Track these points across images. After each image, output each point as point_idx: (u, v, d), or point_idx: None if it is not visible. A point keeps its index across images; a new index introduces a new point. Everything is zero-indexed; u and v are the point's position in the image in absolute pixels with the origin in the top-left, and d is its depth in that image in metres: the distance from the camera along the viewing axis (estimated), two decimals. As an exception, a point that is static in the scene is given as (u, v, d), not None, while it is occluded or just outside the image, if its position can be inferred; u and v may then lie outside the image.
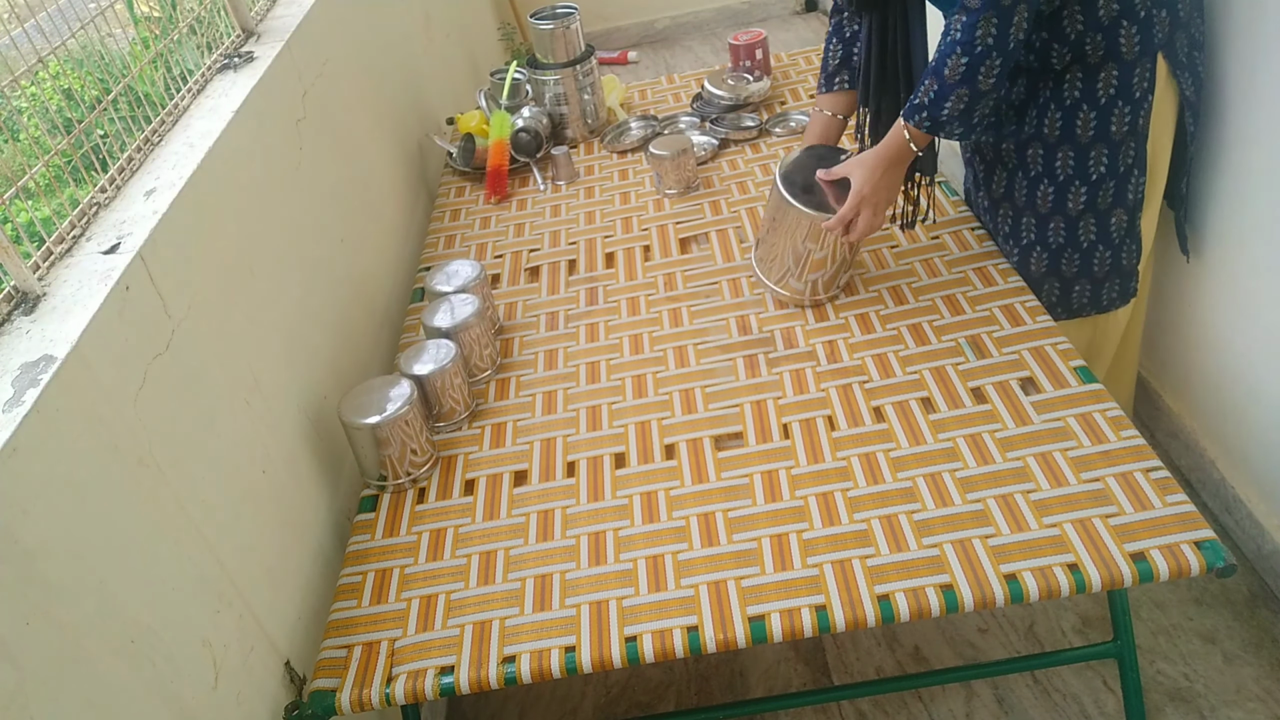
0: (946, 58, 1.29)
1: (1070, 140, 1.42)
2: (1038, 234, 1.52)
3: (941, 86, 1.31)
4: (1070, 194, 1.45)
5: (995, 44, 1.25)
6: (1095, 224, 1.47)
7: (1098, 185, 1.43)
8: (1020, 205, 1.53)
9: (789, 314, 1.60)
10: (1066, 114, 1.41)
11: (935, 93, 1.32)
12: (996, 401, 1.34)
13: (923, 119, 1.35)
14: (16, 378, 0.87)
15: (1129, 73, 1.36)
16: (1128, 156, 1.41)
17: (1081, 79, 1.38)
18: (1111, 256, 1.50)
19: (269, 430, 1.27)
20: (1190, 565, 1.09)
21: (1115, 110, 1.38)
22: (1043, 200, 1.48)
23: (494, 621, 1.18)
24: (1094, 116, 1.39)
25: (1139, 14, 1.33)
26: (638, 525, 1.27)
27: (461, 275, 1.64)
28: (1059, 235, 1.50)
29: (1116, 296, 1.55)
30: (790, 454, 1.33)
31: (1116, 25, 1.33)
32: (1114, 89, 1.37)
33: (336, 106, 1.77)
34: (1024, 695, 1.51)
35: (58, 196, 1.11)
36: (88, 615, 0.86)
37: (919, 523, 1.19)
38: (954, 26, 1.28)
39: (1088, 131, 1.40)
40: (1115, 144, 1.40)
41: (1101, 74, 1.37)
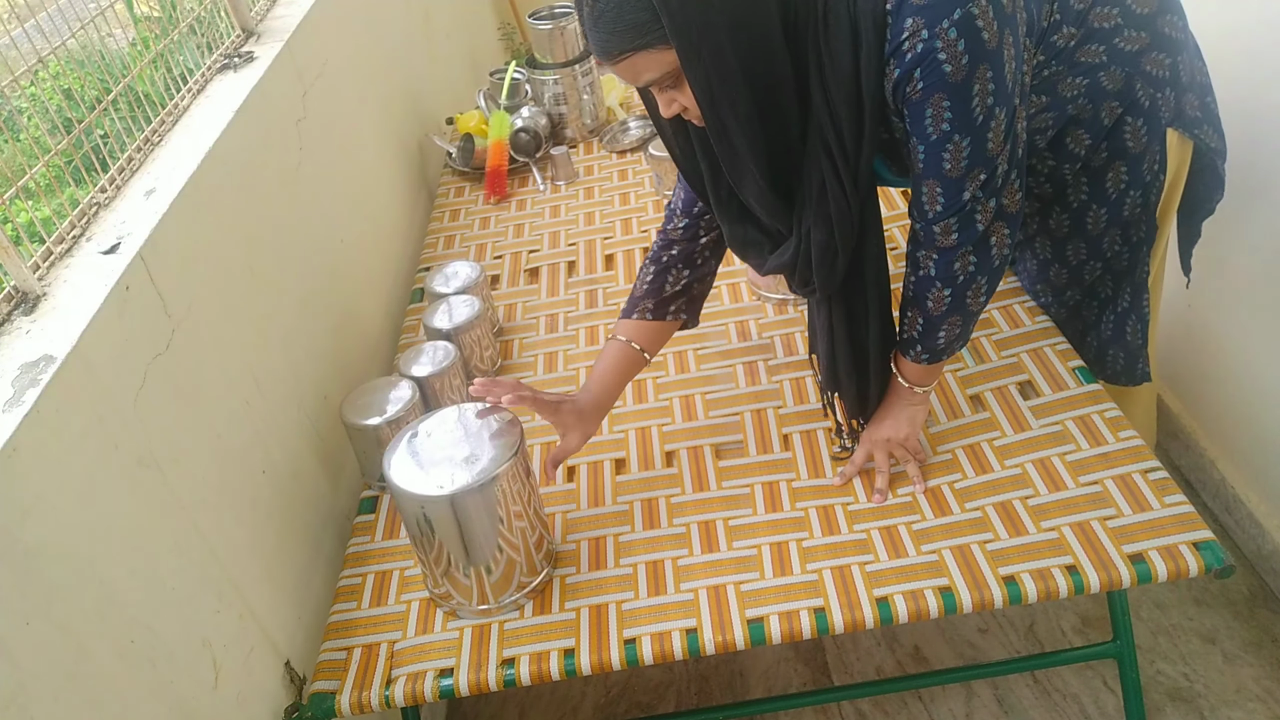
0: (926, 293, 1.13)
1: (1080, 234, 1.35)
2: (1054, 297, 1.47)
3: (928, 320, 1.16)
4: (1085, 271, 1.39)
5: (977, 269, 1.11)
6: (1112, 283, 1.40)
7: (1113, 261, 1.37)
8: (1034, 275, 1.48)
9: (788, 320, 1.60)
10: (1074, 216, 1.33)
11: (922, 325, 1.17)
12: (995, 408, 1.34)
13: (919, 353, 1.19)
14: (16, 378, 0.87)
15: (1138, 165, 1.26)
16: (1139, 231, 1.33)
17: (1087, 183, 1.30)
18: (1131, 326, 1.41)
19: (269, 430, 1.27)
20: (1189, 566, 1.09)
21: (1127, 200, 1.29)
22: (1056, 277, 1.43)
23: (493, 624, 1.18)
24: (1105, 212, 1.31)
25: (1143, 105, 1.22)
26: (638, 531, 1.27)
27: (461, 276, 1.64)
28: (1075, 296, 1.44)
29: (1120, 372, 1.45)
30: (791, 466, 1.32)
31: (1120, 124, 1.24)
32: (1124, 183, 1.28)
33: (336, 106, 1.77)
34: (1024, 695, 1.52)
35: (58, 196, 1.11)
36: (88, 615, 0.85)
37: (918, 532, 1.19)
38: (924, 261, 1.12)
39: (1099, 225, 1.32)
40: (1128, 224, 1.32)
41: (1109, 174, 1.28)
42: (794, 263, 1.16)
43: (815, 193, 1.07)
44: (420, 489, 1.09)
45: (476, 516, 1.11)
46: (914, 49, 0.95)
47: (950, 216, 1.06)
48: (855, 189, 1.06)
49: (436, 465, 1.11)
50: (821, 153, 1.04)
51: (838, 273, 1.14)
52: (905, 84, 0.97)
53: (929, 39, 0.94)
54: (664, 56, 0.97)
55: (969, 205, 1.05)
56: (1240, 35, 1.47)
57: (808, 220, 1.10)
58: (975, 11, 0.93)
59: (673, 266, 1.30)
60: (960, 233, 1.07)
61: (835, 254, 1.11)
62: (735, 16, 0.94)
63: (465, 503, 1.09)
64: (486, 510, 1.11)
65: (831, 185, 1.06)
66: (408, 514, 1.13)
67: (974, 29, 0.93)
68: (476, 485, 1.08)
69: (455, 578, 1.16)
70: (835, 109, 1.00)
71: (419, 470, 1.11)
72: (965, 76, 0.95)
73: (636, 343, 1.31)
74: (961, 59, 0.94)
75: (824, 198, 1.07)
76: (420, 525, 1.12)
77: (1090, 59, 1.21)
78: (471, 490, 1.08)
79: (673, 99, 1.03)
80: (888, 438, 1.26)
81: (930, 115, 0.99)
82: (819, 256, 1.12)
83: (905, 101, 0.99)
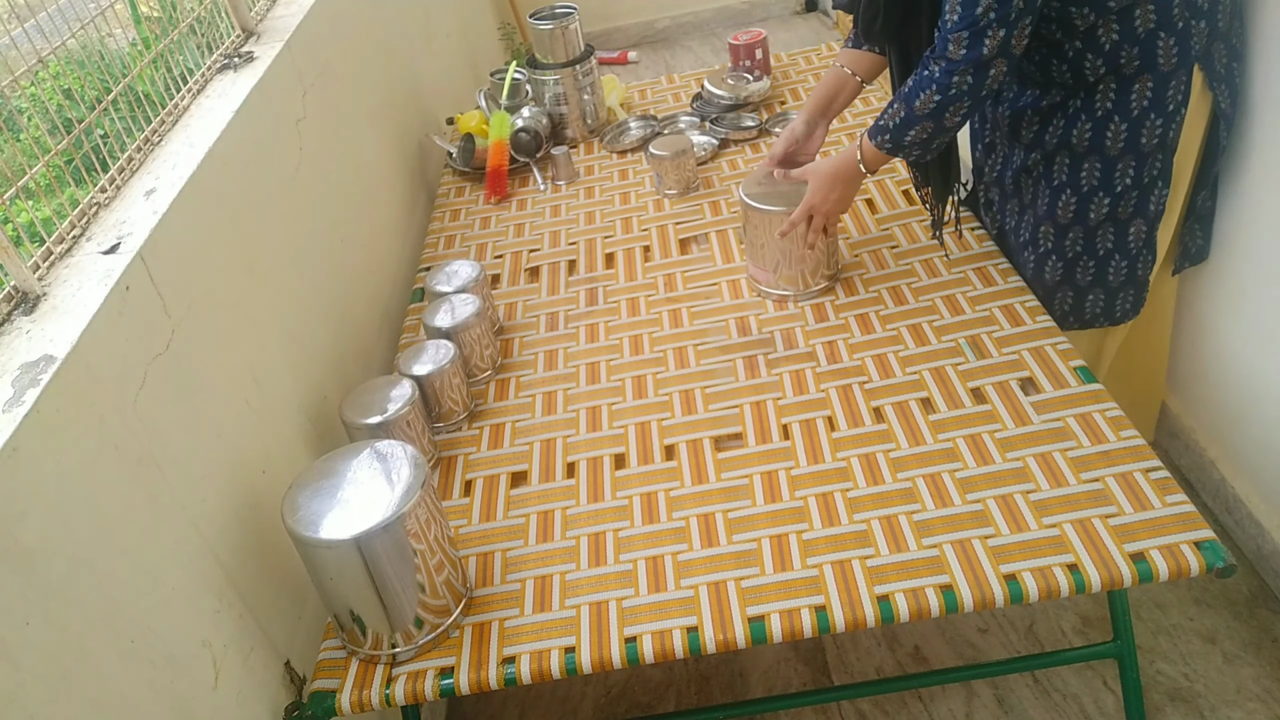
0: (920, 91, 1.31)
1: (1098, 151, 1.39)
2: (1054, 243, 1.50)
3: (909, 115, 1.34)
4: (1092, 205, 1.43)
5: (969, 92, 1.28)
6: (1114, 233, 1.45)
7: (1121, 196, 1.41)
8: (1040, 214, 1.50)
9: (789, 314, 1.60)
10: (1097, 125, 1.38)
11: (901, 119, 1.35)
12: (996, 402, 1.34)
13: (884, 140, 1.39)
14: (16, 378, 0.87)
15: (1164, 84, 1.33)
16: (1154, 168, 1.39)
17: (1115, 90, 1.35)
18: (1128, 267, 1.48)
19: (269, 430, 1.27)
20: (1190, 565, 1.09)
21: (1147, 122, 1.35)
22: (1064, 211, 1.46)
23: (494, 622, 1.18)
24: (1125, 128, 1.36)
25: (1176, 25, 1.29)
26: (638, 526, 1.27)
27: (461, 275, 1.64)
28: (1076, 245, 1.48)
29: (1130, 308, 1.53)
30: (790, 455, 1.33)
31: (1154, 37, 1.30)
32: (1148, 100, 1.34)
33: (336, 107, 1.77)
34: (1024, 695, 1.52)
35: (58, 197, 1.11)
36: (88, 615, 0.86)
37: (919, 523, 1.19)
38: (932, 64, 1.29)
39: (1117, 143, 1.38)
40: (1143, 155, 1.37)
41: (1136, 85, 1.34)
42: (854, 5, 1.43)
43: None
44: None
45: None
46: None
47: (964, 29, 1.23)
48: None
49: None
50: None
51: (876, 28, 1.41)
52: None
53: None
54: None
55: (982, 22, 1.21)
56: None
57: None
58: None
59: None
60: (969, 49, 1.24)
61: (879, 11, 1.38)
62: None
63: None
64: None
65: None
66: None
67: None
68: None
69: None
70: None
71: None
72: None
73: (849, 67, 1.59)
74: None
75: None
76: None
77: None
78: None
79: None
80: (818, 202, 1.50)
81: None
82: (866, 4, 1.40)
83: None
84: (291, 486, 1.12)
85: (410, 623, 1.13)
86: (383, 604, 1.10)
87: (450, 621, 1.17)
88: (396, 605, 1.11)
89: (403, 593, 1.11)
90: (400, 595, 1.10)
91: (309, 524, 1.06)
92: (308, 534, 1.05)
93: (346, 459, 1.15)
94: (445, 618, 1.16)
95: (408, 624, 1.13)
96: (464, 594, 1.20)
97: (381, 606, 1.10)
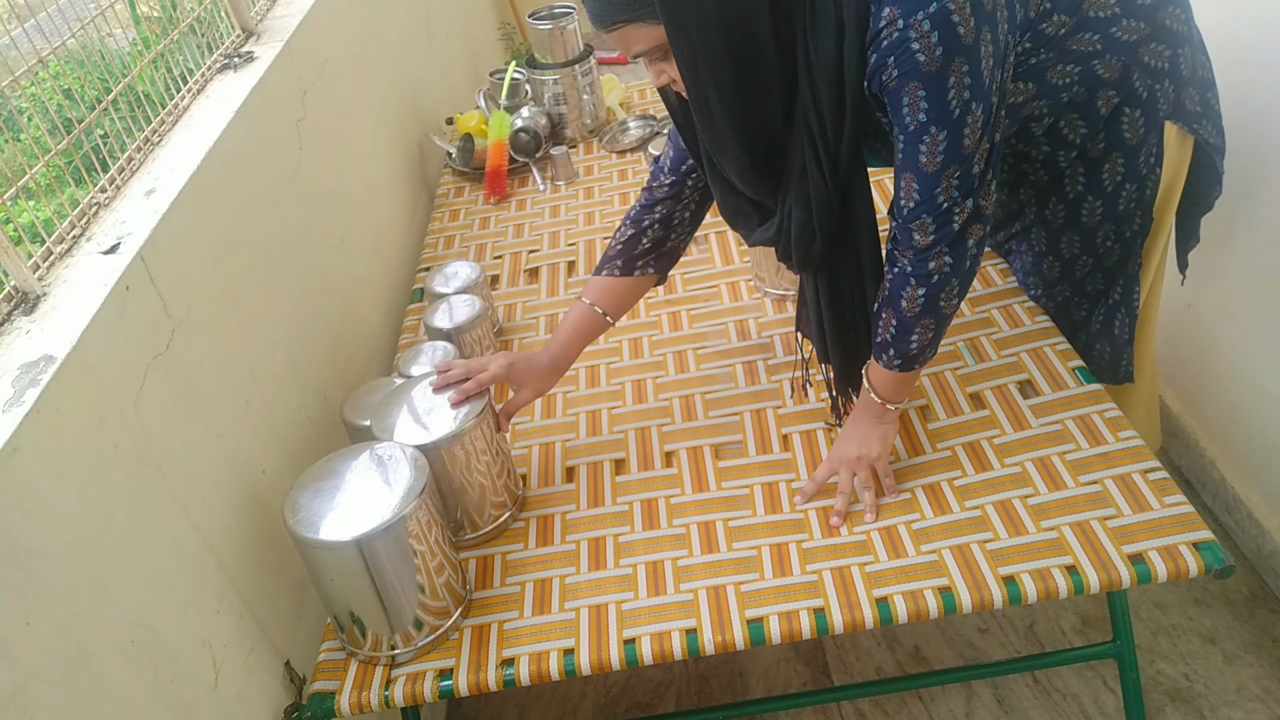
0: (901, 291, 1.12)
1: (1075, 227, 1.35)
2: (1044, 290, 1.48)
3: (901, 320, 1.14)
4: (1078, 266, 1.40)
5: (953, 270, 1.09)
6: (1103, 280, 1.41)
7: (1104, 257, 1.37)
8: (1027, 268, 1.49)
9: (788, 318, 1.60)
10: (1070, 207, 1.34)
11: (895, 328, 1.15)
12: (994, 406, 1.34)
13: (891, 358, 1.17)
14: (16, 378, 0.87)
15: (1135, 157, 1.27)
16: (1133, 224, 1.34)
17: (1084, 174, 1.30)
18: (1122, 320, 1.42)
19: (269, 430, 1.27)
20: (1189, 566, 1.09)
21: (1122, 193, 1.30)
22: (1049, 270, 1.44)
23: (493, 624, 1.18)
24: (1100, 204, 1.31)
25: (1140, 96, 1.22)
26: (638, 531, 1.27)
27: (461, 276, 1.64)
28: (1064, 293, 1.45)
29: (1104, 367, 1.46)
30: (790, 466, 1.32)
31: (1118, 115, 1.24)
32: (1120, 175, 1.28)
33: (336, 106, 1.77)
34: (1024, 695, 1.52)
35: (58, 197, 1.11)
36: (88, 615, 0.85)
37: (917, 531, 1.19)
38: (900, 258, 1.11)
39: (1094, 218, 1.33)
40: (1122, 219, 1.33)
41: (1106, 165, 1.28)
42: (777, 238, 1.20)
43: (797, 174, 1.11)
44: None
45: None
46: (890, 37, 0.97)
47: (926, 214, 1.06)
48: (835, 174, 1.09)
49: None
50: (804, 136, 1.07)
51: (815, 252, 1.17)
52: (881, 72, 1.00)
53: (903, 29, 0.96)
54: (654, 31, 1.01)
55: (944, 204, 1.05)
56: (1240, 32, 1.47)
57: (789, 200, 1.14)
58: (951, 7, 0.95)
59: (650, 227, 1.33)
60: (936, 231, 1.07)
61: (814, 234, 1.14)
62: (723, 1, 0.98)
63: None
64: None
65: (811, 169, 1.09)
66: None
67: (949, 23, 0.95)
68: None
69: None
70: (818, 95, 1.03)
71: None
72: (939, 68, 0.97)
73: (599, 305, 1.34)
74: (935, 50, 0.96)
75: (805, 179, 1.10)
76: None
77: (1083, 47, 1.20)
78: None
79: (662, 70, 1.07)
80: (858, 456, 1.22)
81: (907, 105, 1.01)
82: (798, 234, 1.16)
83: (883, 90, 1.01)
84: (293, 488, 1.12)
85: (410, 624, 1.13)
86: (383, 605, 1.10)
87: (450, 623, 1.17)
88: (396, 606, 1.11)
89: (403, 594, 1.11)
90: (400, 596, 1.11)
91: (310, 525, 1.06)
92: (309, 535, 1.05)
93: (347, 460, 1.15)
94: (445, 619, 1.16)
95: (407, 625, 1.13)
96: (464, 596, 1.20)
97: (381, 607, 1.11)
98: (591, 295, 1.34)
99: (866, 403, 1.24)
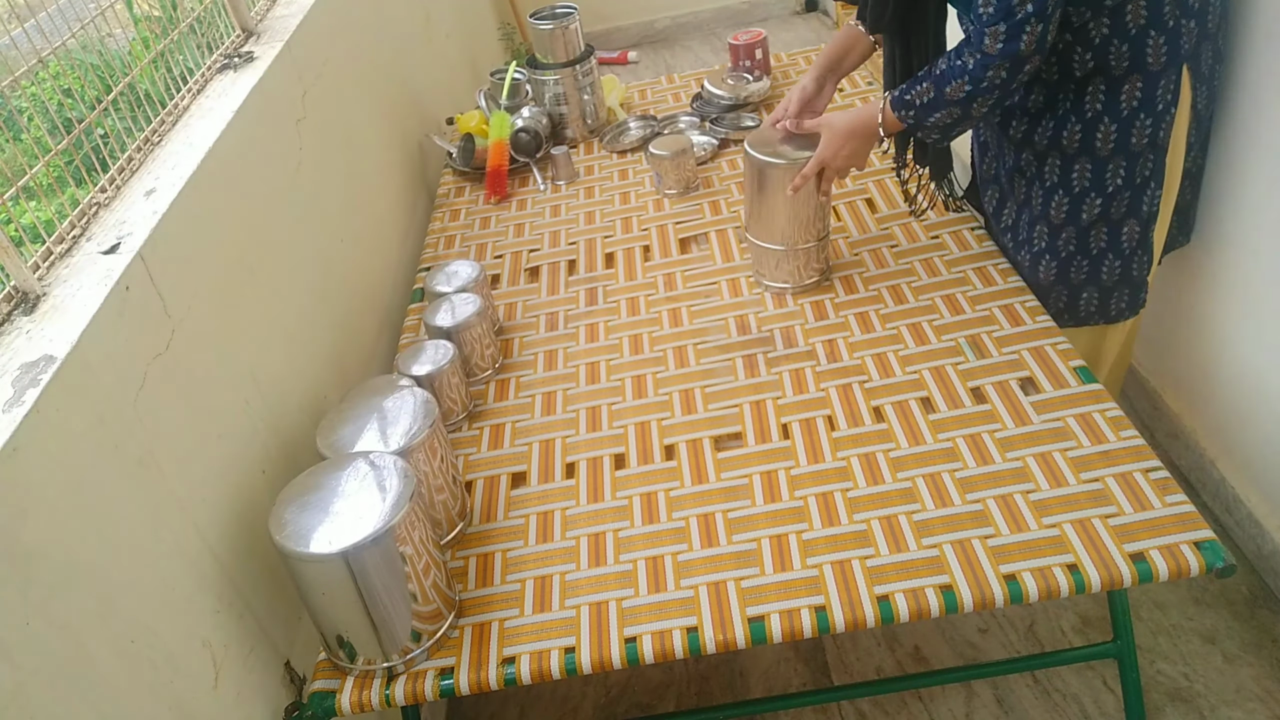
0: (952, 78, 1.30)
1: (1089, 152, 1.39)
2: (1048, 242, 1.49)
3: (938, 97, 1.32)
4: (1085, 205, 1.42)
5: (1001, 85, 1.27)
6: (1107, 233, 1.44)
7: (1113, 197, 1.40)
8: (1035, 214, 1.50)
9: (788, 313, 1.60)
10: (1087, 126, 1.37)
11: (929, 99, 1.34)
12: (996, 401, 1.34)
13: (908, 115, 1.37)
14: (16, 378, 0.87)
15: (1154, 84, 1.32)
16: (1145, 169, 1.38)
17: (1104, 90, 1.34)
18: (1121, 266, 1.46)
19: (269, 430, 1.27)
20: (1190, 565, 1.09)
21: (1137, 122, 1.34)
22: (1056, 211, 1.45)
23: (493, 623, 1.18)
24: (1115, 129, 1.35)
25: (1167, 23, 1.28)
26: (638, 526, 1.27)
27: (461, 275, 1.64)
28: (1070, 244, 1.47)
29: (1125, 307, 1.51)
30: (790, 454, 1.33)
31: (1144, 34, 1.29)
32: (1137, 101, 1.33)
33: (336, 107, 1.77)
34: (1024, 695, 1.51)
35: (58, 197, 1.11)
36: (88, 615, 0.86)
37: (919, 523, 1.19)
38: (967, 55, 1.27)
39: (1108, 144, 1.37)
40: (1134, 156, 1.37)
41: (1125, 85, 1.33)
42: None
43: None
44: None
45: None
46: None
47: (1001, 21, 1.21)
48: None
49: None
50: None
51: (886, 16, 1.45)
52: None
53: None
54: None
55: (1019, 15, 1.20)
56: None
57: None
58: None
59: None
60: (1006, 43, 1.22)
61: (887, 2, 1.43)
62: None
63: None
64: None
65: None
66: None
67: None
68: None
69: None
70: None
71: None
72: None
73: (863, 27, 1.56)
74: None
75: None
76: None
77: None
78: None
79: None
80: (835, 154, 1.47)
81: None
82: None
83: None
84: (277, 502, 1.10)
85: (407, 638, 1.12)
86: (371, 622, 1.09)
87: (442, 631, 1.16)
88: (385, 621, 1.09)
89: (392, 606, 1.09)
90: (390, 609, 1.09)
91: (298, 539, 1.04)
92: (297, 549, 1.03)
93: (334, 471, 1.13)
94: (439, 623, 1.16)
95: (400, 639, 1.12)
96: (453, 598, 1.20)
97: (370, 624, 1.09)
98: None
99: (867, 115, 1.44)
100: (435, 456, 1.23)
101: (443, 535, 1.28)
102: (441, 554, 1.18)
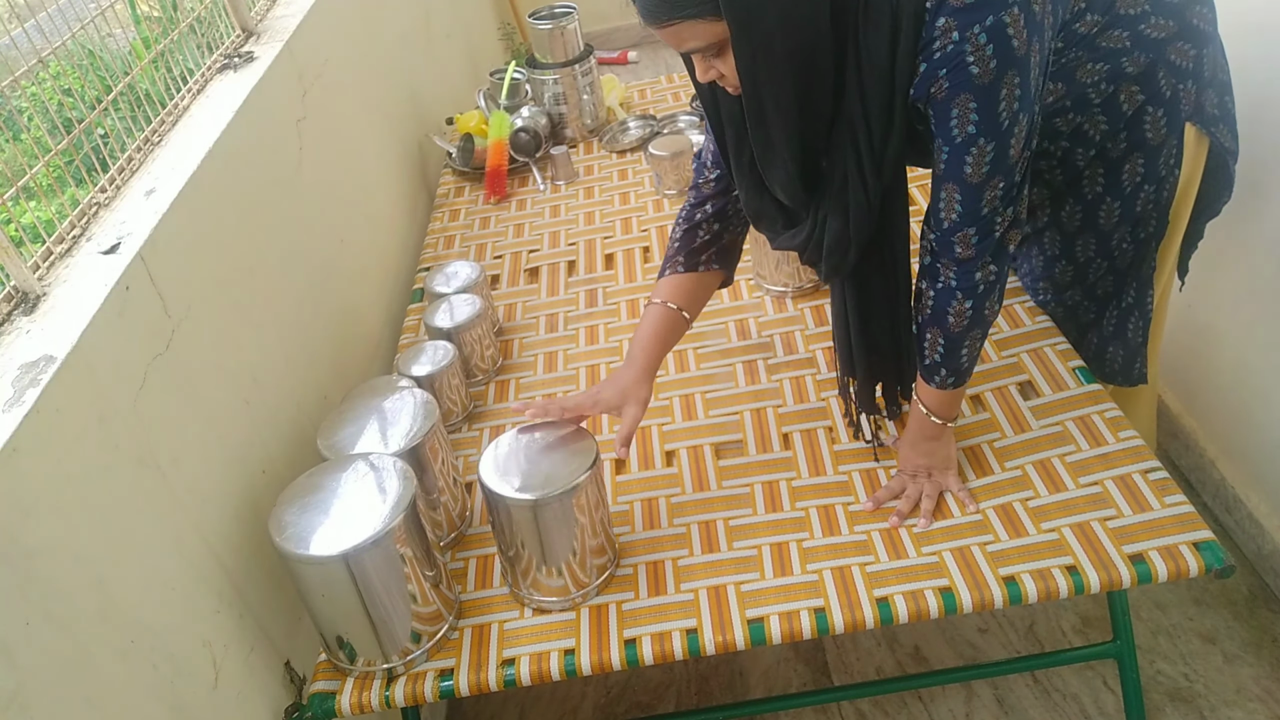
0: (947, 307, 1.11)
1: (1092, 229, 1.33)
2: (1053, 294, 1.46)
3: (949, 337, 1.13)
4: (1091, 270, 1.38)
5: (997, 278, 1.10)
6: (1114, 281, 1.39)
7: (1118, 260, 1.36)
8: (1037, 273, 1.47)
9: (788, 317, 1.60)
10: (1088, 208, 1.32)
11: (944, 346, 1.14)
12: (995, 409, 1.34)
13: (944, 378, 1.16)
14: (16, 378, 0.87)
15: (1155, 158, 1.25)
16: (1148, 227, 1.32)
17: (1104, 175, 1.29)
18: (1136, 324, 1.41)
19: (269, 430, 1.27)
20: (1189, 566, 1.09)
21: (1140, 194, 1.28)
22: (1061, 275, 1.42)
23: (493, 624, 1.18)
24: (1118, 206, 1.30)
25: (1164, 95, 1.21)
26: (638, 531, 1.27)
27: (461, 276, 1.64)
28: (1075, 296, 1.44)
29: (1117, 371, 1.45)
30: (791, 465, 1.32)
31: (1141, 114, 1.23)
32: (1140, 176, 1.27)
33: (336, 106, 1.77)
34: (1024, 695, 1.52)
35: (58, 197, 1.11)
36: (88, 615, 0.85)
37: (918, 534, 1.19)
38: (943, 273, 1.10)
39: (1111, 219, 1.31)
40: (1138, 220, 1.31)
41: (1126, 166, 1.27)
42: (805, 245, 1.17)
43: (838, 183, 1.08)
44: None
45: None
46: (944, 49, 0.95)
47: (969, 225, 1.05)
48: (878, 183, 1.06)
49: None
50: (848, 144, 1.04)
51: (848, 262, 1.15)
52: (930, 82, 0.97)
53: (959, 41, 0.94)
54: (712, 28, 0.96)
55: (987, 215, 1.04)
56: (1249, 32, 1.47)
57: (825, 208, 1.11)
58: (1007, 20, 0.93)
59: (704, 222, 1.27)
60: (979, 242, 1.06)
61: (849, 244, 1.12)
62: (788, 1, 0.94)
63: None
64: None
65: (853, 179, 1.06)
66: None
67: (1005, 36, 0.93)
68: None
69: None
70: (868, 102, 1.00)
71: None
72: (993, 80, 0.95)
73: (673, 302, 1.27)
74: (990, 63, 0.94)
75: (845, 189, 1.08)
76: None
77: (1112, 44, 1.20)
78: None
79: (711, 66, 1.02)
80: (928, 466, 1.22)
81: (956, 116, 0.98)
82: (831, 244, 1.13)
83: (930, 101, 0.99)
84: (277, 503, 1.10)
85: (407, 639, 1.12)
86: (371, 623, 1.09)
87: (442, 632, 1.16)
88: (385, 622, 1.09)
89: (392, 607, 1.09)
90: (390, 610, 1.09)
91: (299, 540, 1.04)
92: (297, 551, 1.03)
93: (334, 473, 1.13)
94: (439, 624, 1.16)
95: (400, 640, 1.12)
96: (453, 599, 1.20)
97: (370, 625, 1.09)
98: (663, 295, 1.27)
99: (923, 426, 1.22)
100: (435, 458, 1.23)
101: (443, 537, 1.28)
102: (441, 555, 1.18)
